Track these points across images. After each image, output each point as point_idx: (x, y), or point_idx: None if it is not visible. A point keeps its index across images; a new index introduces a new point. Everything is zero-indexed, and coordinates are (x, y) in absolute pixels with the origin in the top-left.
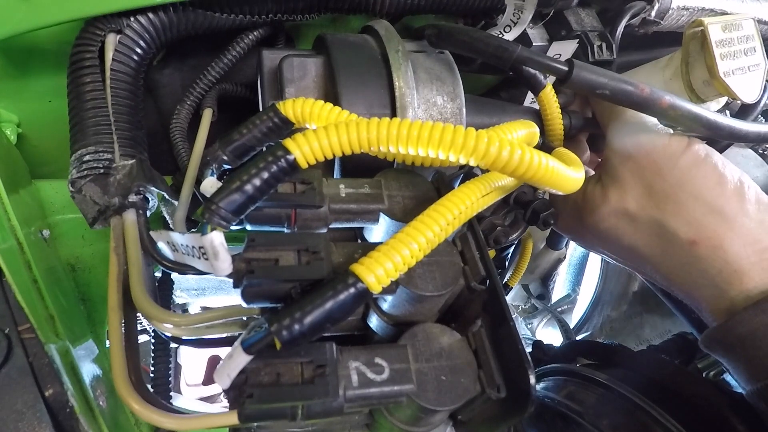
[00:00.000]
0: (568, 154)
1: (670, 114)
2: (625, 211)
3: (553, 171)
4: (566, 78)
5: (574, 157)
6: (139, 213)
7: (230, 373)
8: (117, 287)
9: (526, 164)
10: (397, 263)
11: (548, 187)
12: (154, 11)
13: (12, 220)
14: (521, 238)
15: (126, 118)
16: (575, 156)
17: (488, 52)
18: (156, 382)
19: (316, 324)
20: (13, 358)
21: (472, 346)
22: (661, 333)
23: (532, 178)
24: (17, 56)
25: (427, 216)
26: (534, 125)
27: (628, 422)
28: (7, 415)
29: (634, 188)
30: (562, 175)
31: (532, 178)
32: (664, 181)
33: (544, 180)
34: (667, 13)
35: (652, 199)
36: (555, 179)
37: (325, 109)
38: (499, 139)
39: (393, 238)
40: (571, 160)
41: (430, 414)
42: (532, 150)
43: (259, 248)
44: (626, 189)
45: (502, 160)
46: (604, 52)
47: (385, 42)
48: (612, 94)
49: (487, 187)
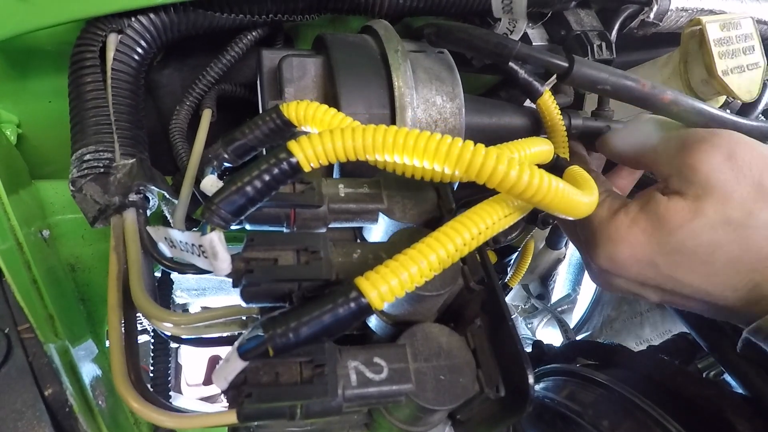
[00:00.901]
0: (580, 173)
1: (672, 109)
2: (727, 220)
3: (562, 196)
4: (567, 74)
5: (587, 177)
6: (139, 212)
7: (227, 377)
8: (117, 286)
9: (535, 187)
10: (404, 281)
11: (557, 212)
12: (155, 11)
13: (12, 220)
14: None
15: (127, 117)
16: (588, 176)
17: (487, 49)
18: (155, 382)
19: (311, 335)
20: (13, 357)
21: (470, 345)
22: (661, 333)
23: (539, 202)
24: (17, 57)
25: (442, 233)
26: (548, 142)
27: (628, 422)
28: (6, 415)
29: (737, 192)
30: (572, 200)
31: (539, 203)
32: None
33: (552, 205)
34: (666, 14)
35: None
36: (564, 205)
37: (329, 114)
38: (508, 157)
39: (403, 254)
40: (584, 182)
41: (428, 413)
42: (541, 172)
43: (258, 248)
44: (728, 196)
45: (509, 182)
46: (603, 52)
47: (384, 42)
48: (613, 89)
49: (509, 207)
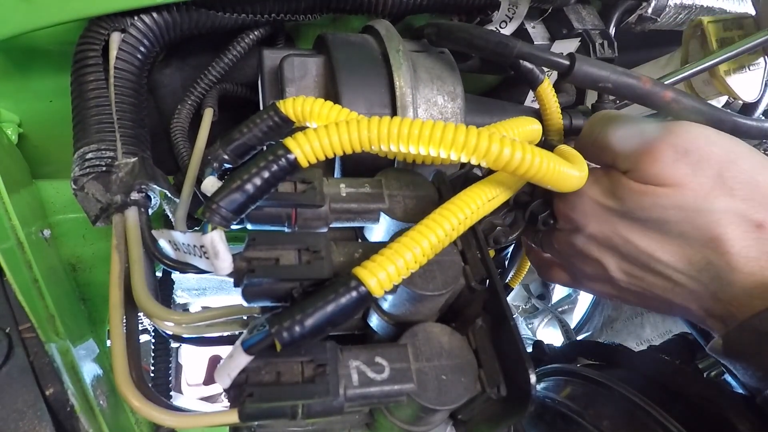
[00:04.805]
0: (570, 151)
1: (673, 107)
2: (680, 205)
3: (554, 169)
4: (568, 72)
5: (577, 155)
6: (141, 211)
7: (230, 373)
8: (118, 285)
9: (528, 163)
10: (400, 267)
11: (550, 185)
12: (158, 11)
13: (13, 219)
14: (522, 238)
15: (129, 116)
16: (578, 153)
17: (488, 48)
18: (156, 381)
19: (316, 327)
20: (14, 357)
21: (472, 345)
22: (662, 333)
23: (533, 176)
24: (18, 56)
25: (431, 220)
26: (536, 122)
27: (629, 422)
28: (7, 414)
29: (694, 182)
30: (563, 173)
31: (533, 177)
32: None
33: (545, 179)
34: (664, 10)
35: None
36: (556, 178)
37: (326, 108)
38: (500, 137)
39: (396, 242)
40: (574, 158)
41: (430, 413)
42: (533, 148)
43: (259, 247)
44: (684, 185)
45: (503, 159)
46: (605, 50)
47: (385, 41)
48: (614, 87)
49: (493, 191)
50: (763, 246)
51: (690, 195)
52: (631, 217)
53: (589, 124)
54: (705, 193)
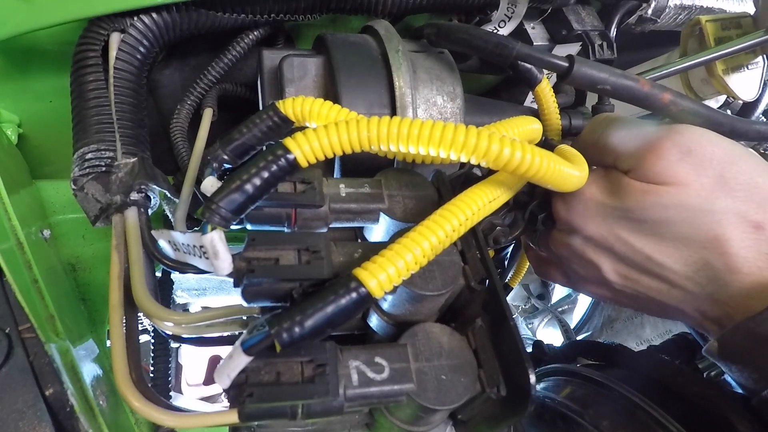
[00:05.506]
0: (570, 151)
1: (671, 109)
2: (682, 204)
3: (554, 169)
4: (567, 74)
5: (577, 154)
6: (140, 211)
7: (230, 374)
8: (118, 285)
9: (528, 162)
10: (401, 268)
11: (550, 185)
12: (158, 11)
13: (12, 219)
14: (521, 238)
15: (128, 116)
16: (578, 153)
17: (488, 49)
18: (156, 381)
19: (316, 328)
20: (14, 357)
21: (472, 345)
22: (662, 333)
23: (534, 176)
24: (18, 57)
25: (433, 221)
26: (536, 121)
27: (629, 422)
28: (7, 415)
29: (696, 182)
30: (563, 173)
31: (533, 177)
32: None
33: (546, 178)
34: (664, 11)
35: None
36: (557, 177)
37: (325, 107)
38: (500, 136)
39: (397, 243)
40: (574, 158)
41: (430, 413)
42: (533, 147)
43: (259, 247)
44: (687, 185)
45: (503, 158)
46: (605, 51)
47: (385, 42)
48: (613, 89)
49: (494, 192)
50: (761, 247)
51: (692, 194)
52: (630, 218)
53: (590, 126)
54: (707, 193)
